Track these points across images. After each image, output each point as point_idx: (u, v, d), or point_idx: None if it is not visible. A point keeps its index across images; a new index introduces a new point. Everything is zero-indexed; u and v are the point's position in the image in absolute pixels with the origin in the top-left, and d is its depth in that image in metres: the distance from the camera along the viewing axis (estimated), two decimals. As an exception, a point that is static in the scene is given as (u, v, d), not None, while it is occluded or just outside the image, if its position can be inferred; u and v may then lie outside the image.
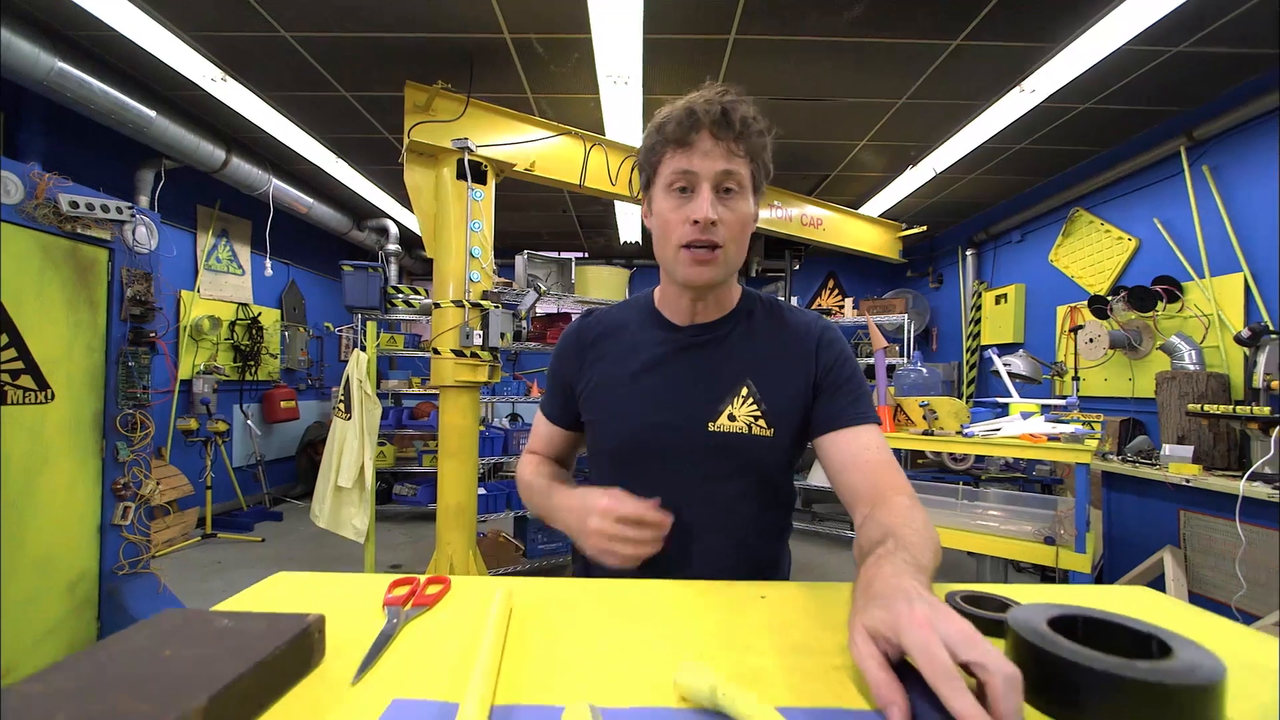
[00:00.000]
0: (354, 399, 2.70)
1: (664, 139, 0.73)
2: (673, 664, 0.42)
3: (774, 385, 0.76)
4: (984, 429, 2.48)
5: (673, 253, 0.73)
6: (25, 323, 1.83)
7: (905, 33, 2.45)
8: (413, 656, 0.46)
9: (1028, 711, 0.38)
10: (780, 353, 0.79)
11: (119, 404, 2.12)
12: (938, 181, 4.04)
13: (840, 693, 0.41)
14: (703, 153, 0.70)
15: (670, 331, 0.81)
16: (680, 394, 0.77)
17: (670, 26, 2.42)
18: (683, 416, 0.76)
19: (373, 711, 0.38)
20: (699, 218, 0.70)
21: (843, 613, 0.49)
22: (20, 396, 1.83)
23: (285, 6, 2.37)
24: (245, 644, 0.38)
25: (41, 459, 1.89)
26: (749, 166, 0.73)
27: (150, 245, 2.20)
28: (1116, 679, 0.35)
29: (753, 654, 0.47)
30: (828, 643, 0.49)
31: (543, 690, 0.41)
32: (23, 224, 1.81)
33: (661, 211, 0.74)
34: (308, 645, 0.41)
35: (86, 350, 2.03)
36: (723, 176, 0.71)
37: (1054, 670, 0.38)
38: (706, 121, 0.70)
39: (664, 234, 0.74)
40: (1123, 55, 2.50)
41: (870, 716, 0.39)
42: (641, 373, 0.79)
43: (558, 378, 0.88)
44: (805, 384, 0.77)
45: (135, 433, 2.15)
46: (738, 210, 0.72)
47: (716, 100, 0.71)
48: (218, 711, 0.33)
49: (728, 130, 0.70)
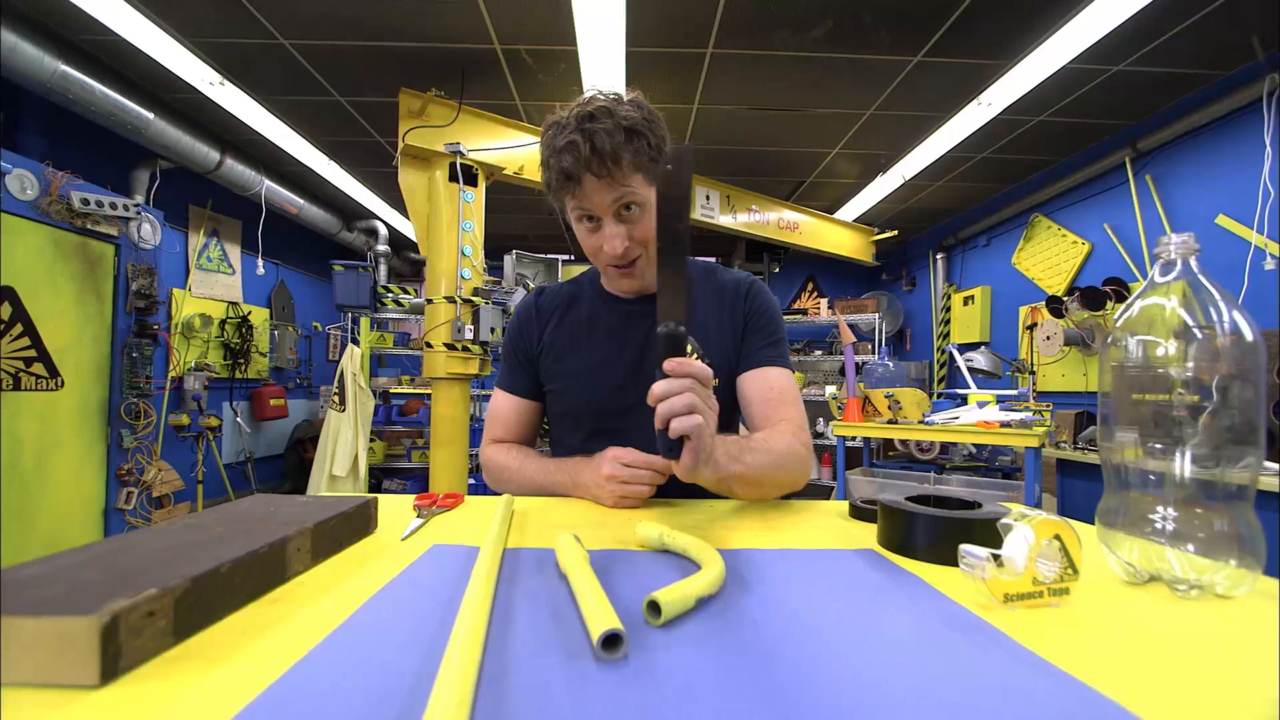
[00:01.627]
0: (348, 392, 2.81)
1: (555, 187, 0.78)
2: (634, 528, 0.57)
3: (713, 337, 0.90)
4: (944, 417, 2.66)
5: (602, 268, 0.87)
6: (38, 313, 1.93)
7: (869, 49, 2.64)
8: (444, 528, 0.62)
9: (899, 560, 0.54)
10: (717, 307, 0.91)
11: (123, 393, 2.21)
12: (907, 188, 4.25)
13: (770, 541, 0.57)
14: (591, 191, 0.76)
15: (618, 305, 0.93)
16: (634, 357, 0.90)
17: (651, 40, 2.59)
18: (637, 377, 0.88)
19: (418, 554, 0.52)
20: (608, 254, 0.79)
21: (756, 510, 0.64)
22: (33, 384, 1.92)
23: (285, 15, 2.50)
24: (325, 507, 0.52)
25: (52, 444, 1.98)
26: (639, 177, 0.78)
27: (154, 241, 2.30)
28: (931, 518, 0.51)
29: (696, 520, 0.62)
30: (750, 516, 0.64)
31: (541, 541, 0.56)
32: (37, 219, 1.91)
33: (579, 235, 0.84)
34: (366, 514, 0.55)
35: (94, 341, 2.13)
36: (616, 203, 0.78)
37: (901, 521, 0.53)
38: (583, 168, 0.74)
39: (590, 255, 0.85)
40: (1069, 72, 2.72)
41: (780, 553, 0.54)
42: (599, 340, 0.92)
43: (519, 350, 0.96)
44: (736, 331, 0.90)
45: (138, 421, 2.25)
46: (643, 224, 0.80)
47: (585, 137, 0.73)
48: (311, 543, 0.47)
49: (603, 167, 0.74)
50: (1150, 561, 0.49)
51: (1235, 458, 0.48)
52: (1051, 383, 3.74)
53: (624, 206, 0.78)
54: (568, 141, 0.74)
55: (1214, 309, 0.50)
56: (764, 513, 0.73)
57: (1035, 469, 2.44)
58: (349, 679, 0.31)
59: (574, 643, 0.35)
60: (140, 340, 2.25)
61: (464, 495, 0.74)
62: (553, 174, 0.77)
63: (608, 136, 0.73)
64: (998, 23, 2.42)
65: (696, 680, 0.31)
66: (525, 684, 0.30)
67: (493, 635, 0.36)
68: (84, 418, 2.10)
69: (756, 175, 4.09)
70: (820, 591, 0.46)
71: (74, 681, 0.29)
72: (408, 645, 0.34)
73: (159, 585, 0.34)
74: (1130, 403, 0.54)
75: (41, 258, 1.94)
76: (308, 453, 4.82)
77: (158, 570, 0.36)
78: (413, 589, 0.44)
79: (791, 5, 2.34)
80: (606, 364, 0.91)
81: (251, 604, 0.41)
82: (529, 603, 0.42)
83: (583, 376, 0.91)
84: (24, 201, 1.85)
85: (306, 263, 5.50)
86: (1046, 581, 0.43)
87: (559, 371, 0.93)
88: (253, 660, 0.33)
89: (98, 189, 2.05)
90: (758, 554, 0.54)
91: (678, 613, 0.39)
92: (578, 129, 0.74)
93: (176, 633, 0.34)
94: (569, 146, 0.74)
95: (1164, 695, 0.31)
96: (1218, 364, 0.49)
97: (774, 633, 0.37)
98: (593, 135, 0.73)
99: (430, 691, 0.27)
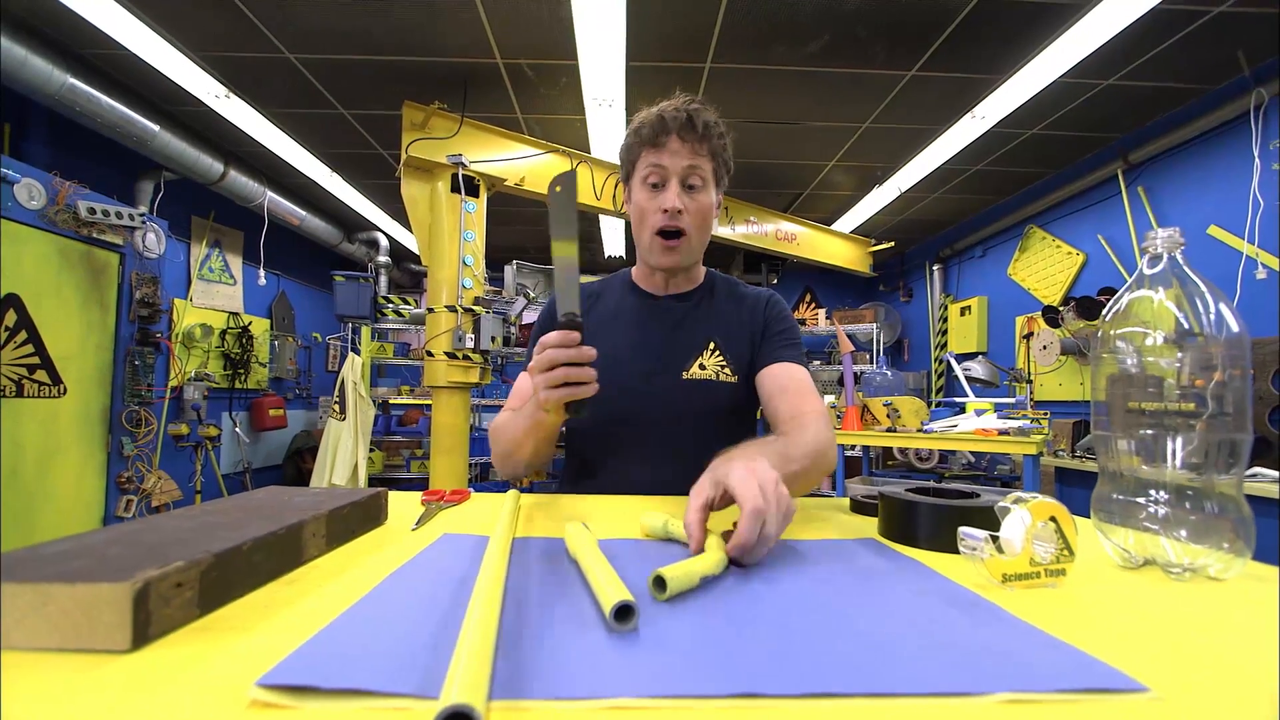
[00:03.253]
0: (349, 400, 2.82)
1: (640, 140, 0.88)
2: (639, 518, 0.58)
3: (734, 342, 0.94)
4: (942, 425, 2.68)
5: (648, 239, 0.90)
6: (42, 321, 1.94)
7: (865, 64, 2.69)
8: (452, 520, 0.63)
9: (901, 548, 0.55)
10: (739, 318, 0.96)
11: (125, 401, 2.22)
12: (903, 200, 4.31)
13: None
14: (671, 152, 0.86)
15: (648, 299, 0.99)
16: (660, 348, 0.94)
17: (651, 55, 2.64)
18: (662, 366, 0.92)
19: (429, 542, 0.53)
20: (668, 206, 0.86)
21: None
22: (36, 390, 1.93)
23: (290, 29, 2.54)
24: (336, 497, 0.53)
25: (53, 450, 1.98)
26: (711, 163, 0.88)
27: (159, 251, 2.32)
28: (931, 507, 0.52)
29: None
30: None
31: (549, 532, 0.57)
32: (44, 228, 1.93)
33: (638, 201, 0.91)
34: (377, 505, 0.56)
35: (97, 349, 2.14)
36: (688, 171, 0.86)
37: (902, 510, 0.54)
38: (674, 126, 0.85)
39: (640, 220, 0.91)
40: (1060, 86, 2.77)
41: (781, 542, 0.55)
42: (626, 329, 0.96)
43: (544, 335, 1.01)
44: (756, 337, 0.95)
45: (139, 429, 2.25)
46: (700, 201, 0.88)
47: (683, 108, 0.86)
48: (326, 529, 0.48)
49: (692, 133, 0.85)
50: (1145, 547, 0.51)
51: (1225, 445, 0.49)
52: (1048, 392, 3.76)
53: (690, 180, 0.87)
54: (670, 108, 0.86)
55: (1200, 302, 0.52)
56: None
57: (1034, 477, 2.45)
58: (374, 642, 0.32)
59: (586, 616, 0.36)
60: (143, 348, 2.26)
61: (470, 491, 0.75)
62: (645, 129, 0.86)
63: (702, 117, 0.85)
64: (990, 38, 2.48)
65: (705, 645, 0.32)
66: (540, 651, 0.32)
67: (506, 612, 0.37)
68: (85, 425, 2.11)
69: (755, 187, 4.14)
70: (822, 573, 0.47)
71: (106, 646, 0.30)
72: (424, 617, 0.35)
73: (185, 559, 0.35)
74: (1122, 396, 0.55)
75: (47, 266, 1.96)
76: (306, 463, 4.80)
77: (183, 547, 0.37)
78: (427, 570, 0.45)
79: (788, 20, 2.40)
80: (625, 351, 0.94)
81: (271, 583, 0.42)
82: (540, 584, 0.43)
83: (600, 363, 0.93)
84: (31, 210, 1.87)
85: (308, 274, 5.53)
86: (1043, 562, 0.44)
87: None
88: (276, 630, 0.34)
89: (104, 198, 2.08)
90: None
91: (682, 588, 0.40)
92: (682, 105, 0.86)
93: (201, 605, 0.35)
94: (669, 110, 0.85)
95: (1158, 662, 0.32)
96: (1206, 355, 0.51)
97: (778, 607, 0.39)
98: (691, 110, 0.85)
99: (450, 654, 0.28)
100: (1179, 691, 0.28)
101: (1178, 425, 0.51)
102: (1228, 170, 2.74)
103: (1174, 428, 0.51)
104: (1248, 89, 2.53)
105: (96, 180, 3.21)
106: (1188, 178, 2.98)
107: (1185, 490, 0.50)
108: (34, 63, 2.54)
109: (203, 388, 4.06)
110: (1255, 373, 2.51)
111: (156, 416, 2.32)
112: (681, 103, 0.87)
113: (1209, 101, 2.80)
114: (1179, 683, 0.29)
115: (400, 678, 0.28)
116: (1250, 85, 2.53)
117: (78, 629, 0.30)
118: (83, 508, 2.09)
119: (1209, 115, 2.74)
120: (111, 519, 2.17)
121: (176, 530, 0.42)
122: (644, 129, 0.87)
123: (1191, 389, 0.51)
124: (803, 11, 2.33)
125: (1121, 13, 2.21)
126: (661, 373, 0.92)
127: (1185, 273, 0.52)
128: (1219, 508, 0.49)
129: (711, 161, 0.88)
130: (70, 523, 2.06)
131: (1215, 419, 0.49)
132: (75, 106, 2.77)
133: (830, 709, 0.26)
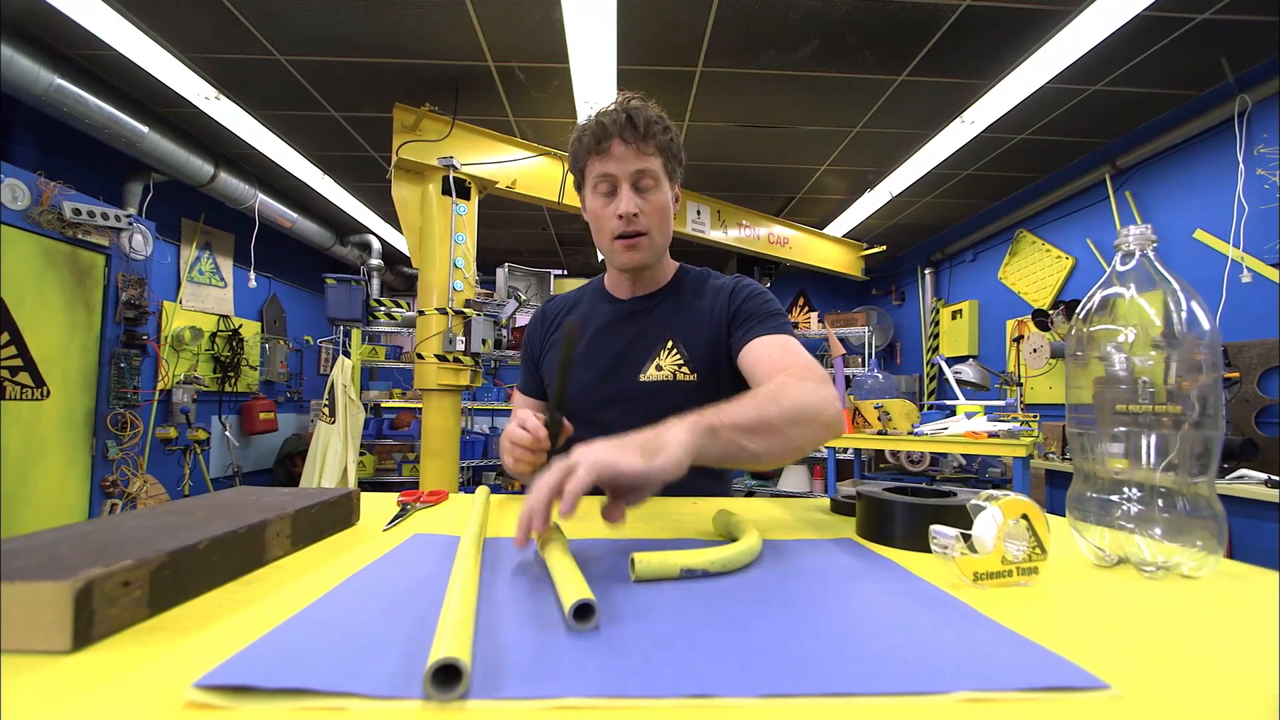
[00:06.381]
0: (339, 404, 2.80)
1: (583, 149, 0.86)
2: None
3: (696, 338, 0.91)
4: (933, 428, 2.68)
5: (607, 244, 0.90)
6: (25, 322, 1.92)
7: (854, 69, 2.70)
8: (426, 520, 0.62)
9: (878, 548, 0.55)
10: (703, 310, 0.93)
11: (110, 403, 2.19)
12: (895, 204, 4.32)
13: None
14: (617, 158, 0.83)
15: (614, 304, 0.99)
16: (618, 353, 0.94)
17: (642, 59, 2.64)
18: (620, 370, 0.92)
19: (399, 542, 0.52)
20: (622, 212, 0.84)
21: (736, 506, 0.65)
22: (18, 393, 1.91)
23: (281, 31, 2.53)
24: (305, 496, 0.52)
25: (35, 454, 1.96)
26: (659, 159, 0.86)
27: (146, 252, 2.30)
28: (905, 505, 0.52)
29: (675, 518, 0.63)
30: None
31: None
32: (27, 228, 1.91)
33: (593, 210, 0.89)
34: (348, 504, 0.55)
35: (82, 351, 2.12)
36: (637, 175, 0.84)
37: (877, 509, 0.54)
38: (615, 130, 0.82)
39: (598, 228, 0.90)
40: (1048, 92, 2.79)
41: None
42: (592, 338, 0.96)
43: (529, 353, 1.05)
44: (721, 328, 0.91)
45: (124, 432, 2.23)
46: (655, 200, 0.86)
47: (622, 108, 0.83)
48: (292, 529, 0.47)
49: (634, 133, 0.82)
50: (1119, 546, 0.51)
51: (1197, 442, 0.49)
52: (1039, 395, 3.78)
53: (641, 182, 0.85)
54: (608, 112, 0.83)
55: (1172, 300, 0.52)
56: (747, 508, 0.73)
57: (1024, 479, 2.46)
58: (322, 642, 0.31)
59: (547, 615, 0.36)
60: (128, 351, 2.24)
61: (448, 493, 0.74)
62: (586, 137, 0.84)
63: (642, 115, 0.83)
64: (978, 44, 2.49)
65: (664, 645, 0.32)
66: (495, 650, 0.31)
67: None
68: (69, 428, 2.08)
69: (746, 191, 4.15)
70: (792, 573, 0.46)
71: (46, 647, 0.30)
72: (378, 618, 0.35)
73: (136, 558, 0.34)
74: (1097, 395, 0.55)
75: (30, 267, 1.94)
76: (296, 467, 4.76)
77: (137, 546, 0.36)
78: (393, 569, 0.44)
79: (778, 26, 2.41)
80: (591, 358, 0.94)
81: (229, 583, 0.41)
82: (509, 583, 0.42)
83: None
84: (15, 211, 1.85)
85: (299, 277, 5.50)
86: (1015, 561, 0.44)
87: (550, 366, 0.99)
88: (227, 631, 0.33)
89: (89, 199, 2.06)
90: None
91: (656, 575, 0.40)
92: (620, 106, 0.84)
93: (152, 605, 0.34)
94: (607, 114, 0.83)
95: (1123, 659, 0.31)
96: (1179, 353, 0.51)
97: (745, 606, 0.38)
98: (630, 110, 0.82)
99: (400, 653, 0.27)
100: (1140, 688, 0.28)
101: (1151, 424, 0.51)
102: (1213, 175, 2.77)
103: (1148, 426, 0.51)
104: (1232, 95, 2.56)
105: (85, 182, 3.19)
106: (1174, 182, 3.01)
107: (1158, 489, 0.50)
108: (20, 63, 2.52)
109: (192, 390, 4.02)
110: (1241, 376, 2.53)
111: (143, 420, 2.29)
112: (619, 102, 0.85)
113: (1194, 107, 2.83)
114: (1141, 680, 0.29)
115: (343, 677, 0.27)
116: (1234, 91, 2.56)
117: (16, 629, 0.30)
118: (65, 511, 2.06)
119: (1194, 121, 2.77)
120: (95, 523, 2.15)
121: (134, 529, 0.41)
122: (585, 137, 0.85)
123: (1165, 387, 0.51)
124: (793, 16, 2.34)
125: (1107, 19, 2.23)
126: (617, 377, 0.92)
127: (1158, 270, 0.52)
128: (1191, 506, 0.49)
129: (659, 158, 0.86)
130: (51, 526, 2.03)
131: (1188, 417, 0.49)
132: (63, 107, 2.75)
133: (783, 709, 0.26)
